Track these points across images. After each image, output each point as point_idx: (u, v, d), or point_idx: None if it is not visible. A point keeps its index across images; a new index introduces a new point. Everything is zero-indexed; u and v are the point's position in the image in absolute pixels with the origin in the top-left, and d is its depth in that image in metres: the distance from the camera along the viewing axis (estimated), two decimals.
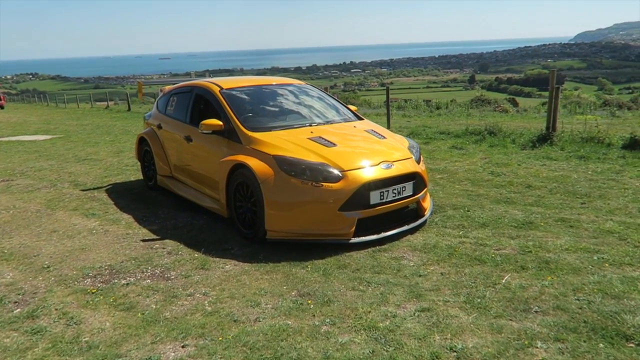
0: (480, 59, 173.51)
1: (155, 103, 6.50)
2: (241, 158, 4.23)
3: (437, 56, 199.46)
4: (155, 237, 4.56)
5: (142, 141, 6.42)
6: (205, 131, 4.66)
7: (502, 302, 2.98)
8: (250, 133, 4.44)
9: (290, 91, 5.50)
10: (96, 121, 18.59)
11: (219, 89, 5.08)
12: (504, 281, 3.24)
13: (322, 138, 4.36)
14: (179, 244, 4.33)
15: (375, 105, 24.89)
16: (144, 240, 4.46)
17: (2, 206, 5.87)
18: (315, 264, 3.68)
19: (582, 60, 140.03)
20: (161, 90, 6.58)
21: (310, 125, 4.73)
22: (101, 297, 3.31)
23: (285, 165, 3.98)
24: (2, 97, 36.85)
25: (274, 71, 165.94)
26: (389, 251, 3.88)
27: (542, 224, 4.34)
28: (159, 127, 6.03)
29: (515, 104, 35.81)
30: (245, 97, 5.13)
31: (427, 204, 4.59)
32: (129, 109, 23.52)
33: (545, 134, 8.21)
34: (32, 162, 9.05)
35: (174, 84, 6.43)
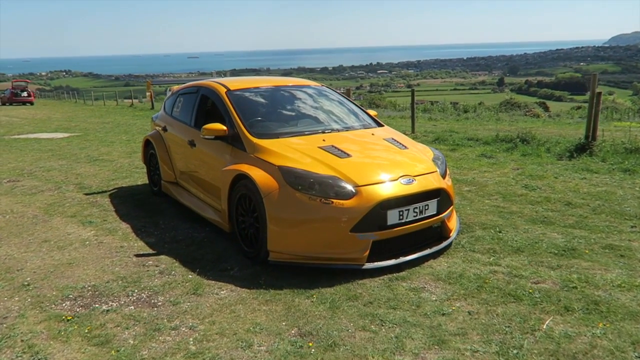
0: (510, 62, 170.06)
1: (163, 104, 6.13)
2: (244, 168, 3.78)
3: (465, 58, 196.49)
4: (150, 251, 4.16)
5: (147, 144, 6.06)
6: (207, 136, 4.23)
7: (543, 356, 2.44)
8: (255, 140, 3.99)
9: (304, 94, 5.03)
10: (117, 119, 18.51)
11: (225, 89, 4.65)
12: (545, 327, 2.70)
13: (335, 147, 3.87)
14: (174, 261, 3.91)
15: (401, 108, 24.27)
16: (137, 256, 4.06)
17: (0, 210, 5.58)
18: (322, 294, 3.20)
19: (617, 64, 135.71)
20: (170, 90, 6.21)
21: (323, 132, 4.25)
22: (75, 327, 2.90)
23: (292, 178, 3.51)
24: (32, 93, 37.54)
25: (300, 71, 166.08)
26: (408, 280, 3.37)
27: (586, 251, 3.76)
28: (164, 129, 5.64)
29: (545, 108, 34.66)
30: (254, 99, 4.69)
31: (453, 223, 4.05)
32: (152, 107, 23.47)
33: (584, 143, 7.54)
34: (43, 161, 8.83)
35: (183, 83, 6.05)
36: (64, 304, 3.21)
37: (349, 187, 3.45)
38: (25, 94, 36.01)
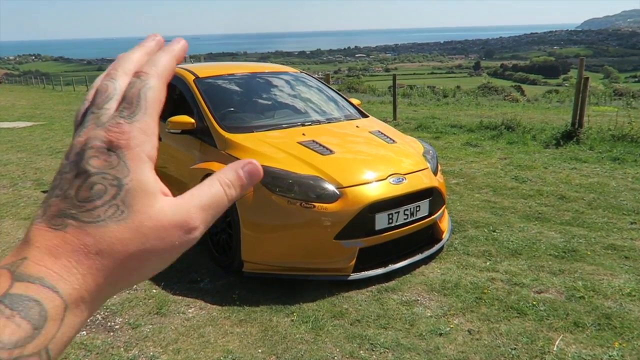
0: (486, 45, 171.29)
1: None
2: (214, 167, 3.37)
3: (442, 42, 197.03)
4: None
5: None
6: (173, 130, 3.79)
7: None
8: (227, 135, 3.56)
9: (281, 81, 4.60)
10: None
11: (193, 77, 4.19)
12: (555, 348, 2.40)
13: (317, 142, 3.48)
14: None
15: (380, 93, 23.95)
16: None
17: None
18: (304, 310, 2.84)
19: (589, 47, 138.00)
20: None
21: (303, 125, 3.84)
22: None
23: (268, 179, 3.11)
24: None
25: (277, 55, 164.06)
26: (399, 291, 3.03)
27: (588, 252, 3.48)
28: None
29: (521, 91, 34.84)
30: (226, 88, 4.25)
31: (445, 224, 3.73)
32: None
33: (570, 131, 7.31)
34: (0, 154, 8.19)
35: None
36: None
37: (333, 188, 3.08)
38: None
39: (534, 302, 2.82)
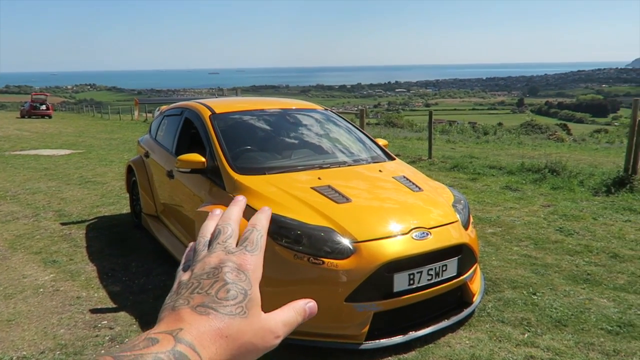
0: (530, 82, 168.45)
1: (150, 125, 5.51)
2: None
3: (484, 78, 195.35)
4: (109, 305, 3.47)
5: (130, 170, 5.42)
6: (182, 169, 3.56)
7: None
8: (236, 176, 3.29)
9: (305, 119, 4.34)
10: (127, 135, 18.11)
11: (209, 113, 3.98)
12: None
13: (332, 188, 3.15)
14: (133, 320, 3.21)
15: (418, 128, 23.57)
16: (92, 311, 3.37)
17: None
18: None
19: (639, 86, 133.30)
20: (159, 110, 5.59)
21: (321, 168, 3.53)
22: None
23: (274, 228, 2.79)
24: (50, 106, 37.68)
25: (318, 89, 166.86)
26: None
27: None
28: (147, 155, 5.01)
29: (567, 130, 33.56)
30: (244, 125, 4.03)
31: (477, 284, 3.28)
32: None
33: (623, 177, 6.70)
34: (33, 182, 8.28)
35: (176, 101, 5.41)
36: None
37: (346, 242, 2.72)
38: (44, 107, 36.07)
39: None
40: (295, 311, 0.47)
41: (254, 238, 0.48)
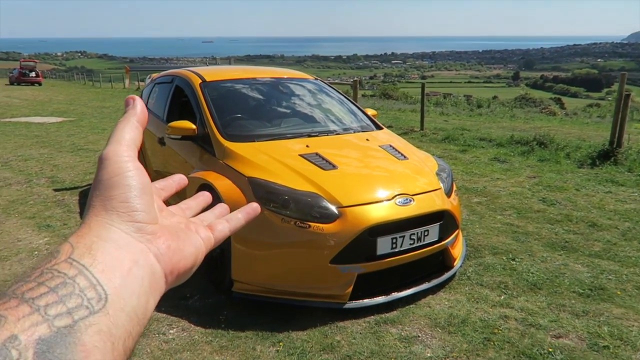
0: (526, 56, 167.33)
1: (141, 93, 5.53)
2: (210, 177, 3.17)
3: (480, 51, 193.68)
4: None
5: None
6: (173, 136, 3.62)
7: None
8: (226, 143, 3.36)
9: (296, 88, 4.39)
10: (119, 103, 17.96)
11: (200, 80, 4.02)
12: None
13: (320, 156, 3.23)
14: None
15: (412, 100, 23.50)
16: None
17: None
18: (291, 340, 2.60)
19: (635, 60, 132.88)
20: (150, 78, 5.60)
21: (309, 136, 3.61)
22: None
23: (262, 193, 2.89)
24: (40, 73, 37.04)
25: (314, 59, 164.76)
26: (399, 325, 2.75)
27: (618, 292, 3.11)
28: None
29: (561, 104, 33.59)
30: (234, 93, 4.07)
31: (458, 249, 3.41)
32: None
33: (608, 150, 6.82)
34: (25, 149, 8.29)
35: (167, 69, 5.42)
36: None
37: (332, 207, 2.83)
38: (33, 74, 35.42)
39: (550, 349, 2.50)
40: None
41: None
